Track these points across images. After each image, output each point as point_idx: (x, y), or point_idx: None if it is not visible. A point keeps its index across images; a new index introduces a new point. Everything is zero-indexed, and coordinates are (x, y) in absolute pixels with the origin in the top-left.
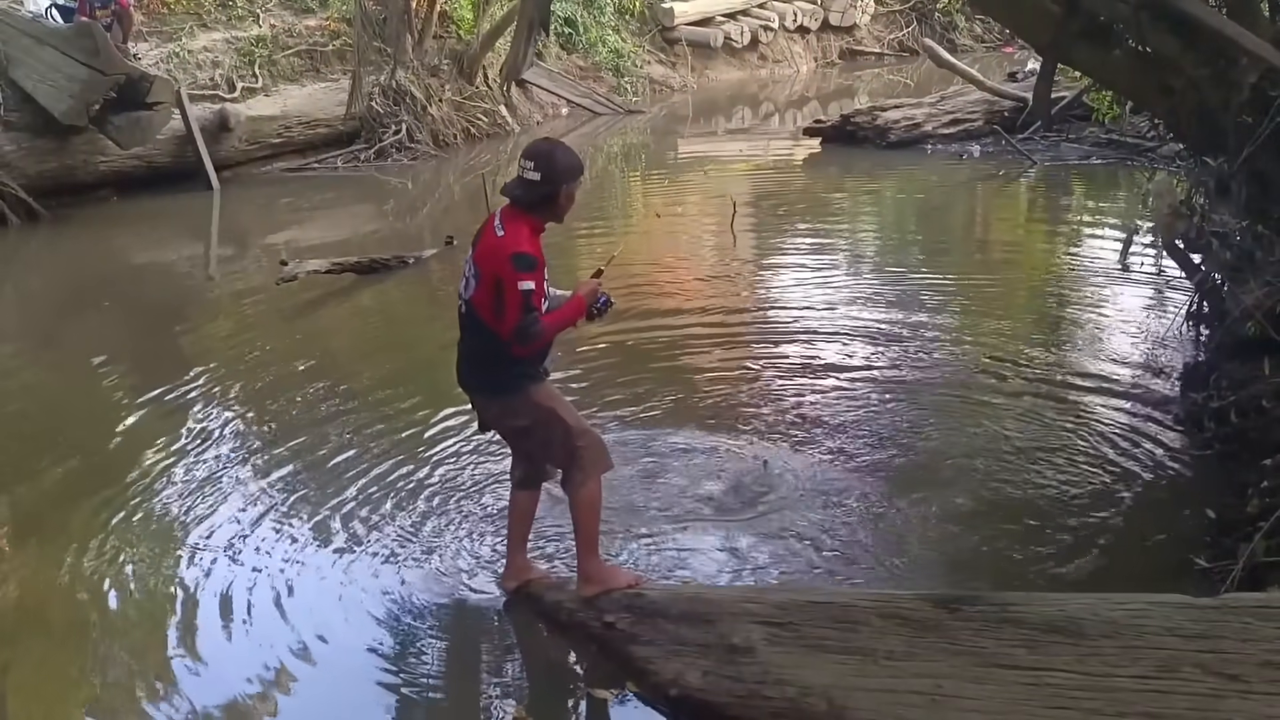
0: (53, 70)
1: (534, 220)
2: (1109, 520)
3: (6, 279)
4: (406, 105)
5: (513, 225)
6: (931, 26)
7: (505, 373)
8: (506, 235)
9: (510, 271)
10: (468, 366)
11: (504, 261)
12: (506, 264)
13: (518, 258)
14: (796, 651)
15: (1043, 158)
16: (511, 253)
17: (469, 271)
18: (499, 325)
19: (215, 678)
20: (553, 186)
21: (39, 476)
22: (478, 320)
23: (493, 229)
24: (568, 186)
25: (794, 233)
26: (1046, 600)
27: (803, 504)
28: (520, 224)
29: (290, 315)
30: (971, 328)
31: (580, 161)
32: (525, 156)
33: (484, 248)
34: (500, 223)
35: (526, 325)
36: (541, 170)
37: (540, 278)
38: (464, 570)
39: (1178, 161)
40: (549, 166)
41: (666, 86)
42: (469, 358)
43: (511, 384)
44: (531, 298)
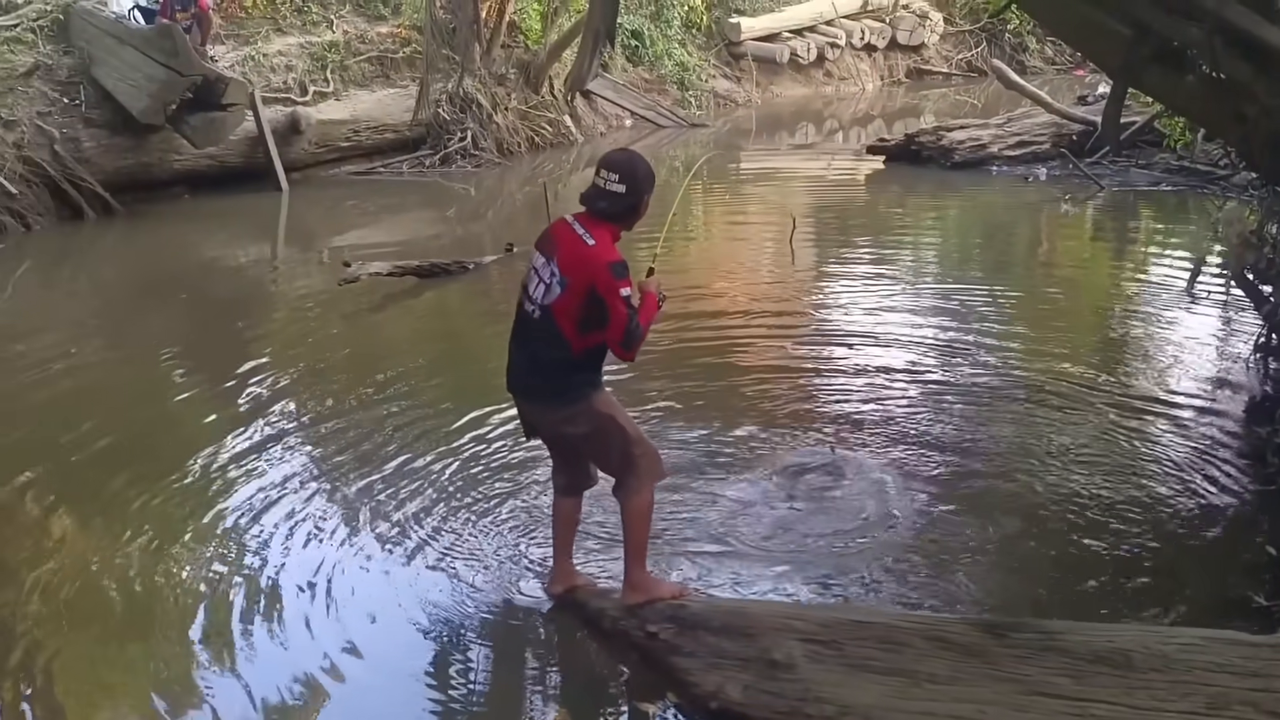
0: (133, 70)
1: (615, 228)
2: (1164, 551)
3: (81, 270)
4: (472, 113)
5: (598, 233)
6: (1001, 47)
7: (569, 380)
8: (598, 245)
9: (610, 280)
10: (529, 373)
11: (601, 270)
12: (605, 272)
13: (615, 266)
14: (838, 670)
15: (1111, 183)
16: (608, 261)
17: (547, 277)
18: (578, 333)
19: (257, 672)
20: (636, 197)
21: (98, 463)
22: (553, 327)
23: (576, 237)
24: (648, 196)
25: (853, 249)
26: (1094, 630)
27: (853, 517)
28: (604, 232)
29: (351, 315)
30: (1032, 348)
31: (653, 174)
32: (607, 168)
33: (572, 255)
34: (585, 231)
35: (634, 328)
36: (626, 182)
37: (631, 284)
38: (510, 573)
39: (1250, 191)
40: (632, 177)
41: (731, 101)
42: (532, 364)
43: (575, 391)
44: (633, 301)
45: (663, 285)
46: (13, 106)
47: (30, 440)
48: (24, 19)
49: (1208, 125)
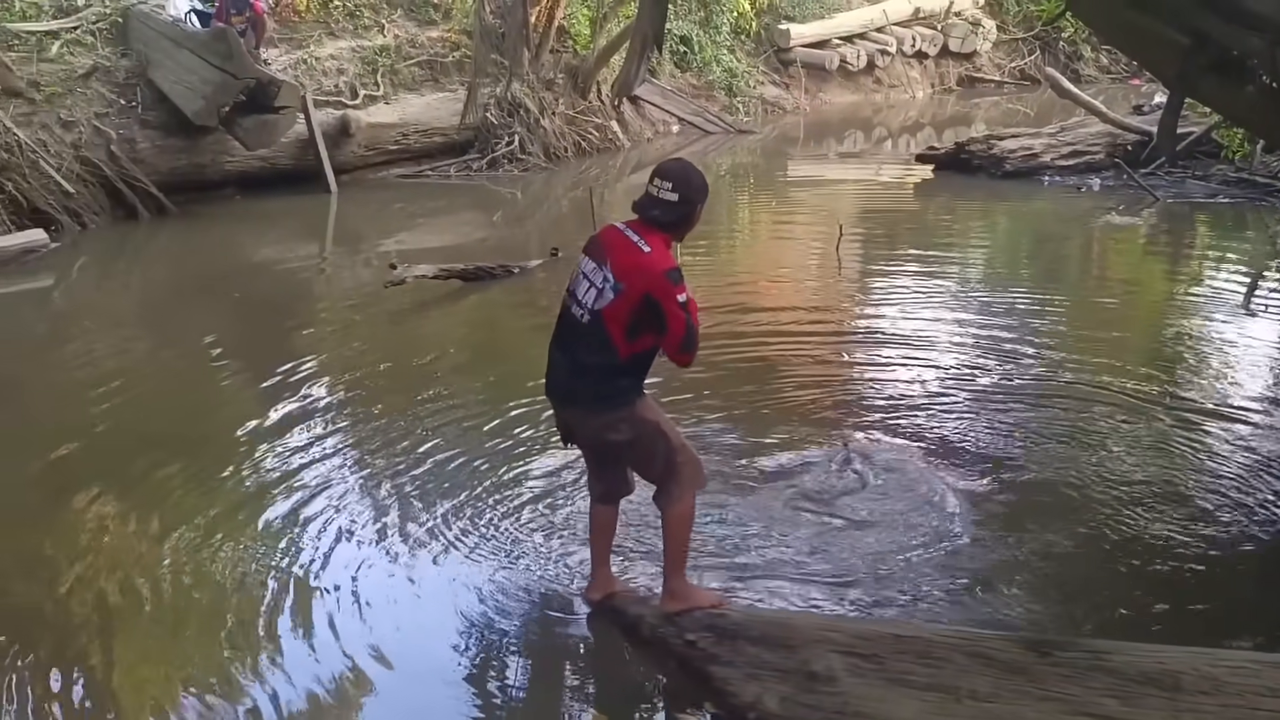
0: (188, 72)
1: (667, 237)
2: (1219, 570)
3: (134, 268)
4: (520, 117)
5: (654, 241)
6: (1055, 56)
7: (614, 385)
8: (654, 252)
9: (668, 287)
10: (572, 376)
11: (658, 278)
12: (662, 280)
13: (672, 272)
14: (878, 684)
15: (1166, 194)
16: (665, 269)
17: (599, 282)
18: (626, 339)
19: (289, 671)
20: (689, 206)
21: (143, 457)
22: (602, 332)
23: (631, 244)
24: (701, 205)
25: (900, 257)
26: (1142, 650)
27: (900, 525)
28: (658, 240)
29: (395, 317)
30: (1084, 359)
31: (706, 185)
32: (661, 176)
33: (628, 262)
34: (639, 238)
35: (692, 335)
36: (680, 191)
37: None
38: (549, 578)
39: None
40: (686, 187)
41: (779, 107)
42: (576, 368)
43: (619, 397)
44: (687, 308)
45: None
46: (71, 107)
47: (77, 433)
48: (84, 21)
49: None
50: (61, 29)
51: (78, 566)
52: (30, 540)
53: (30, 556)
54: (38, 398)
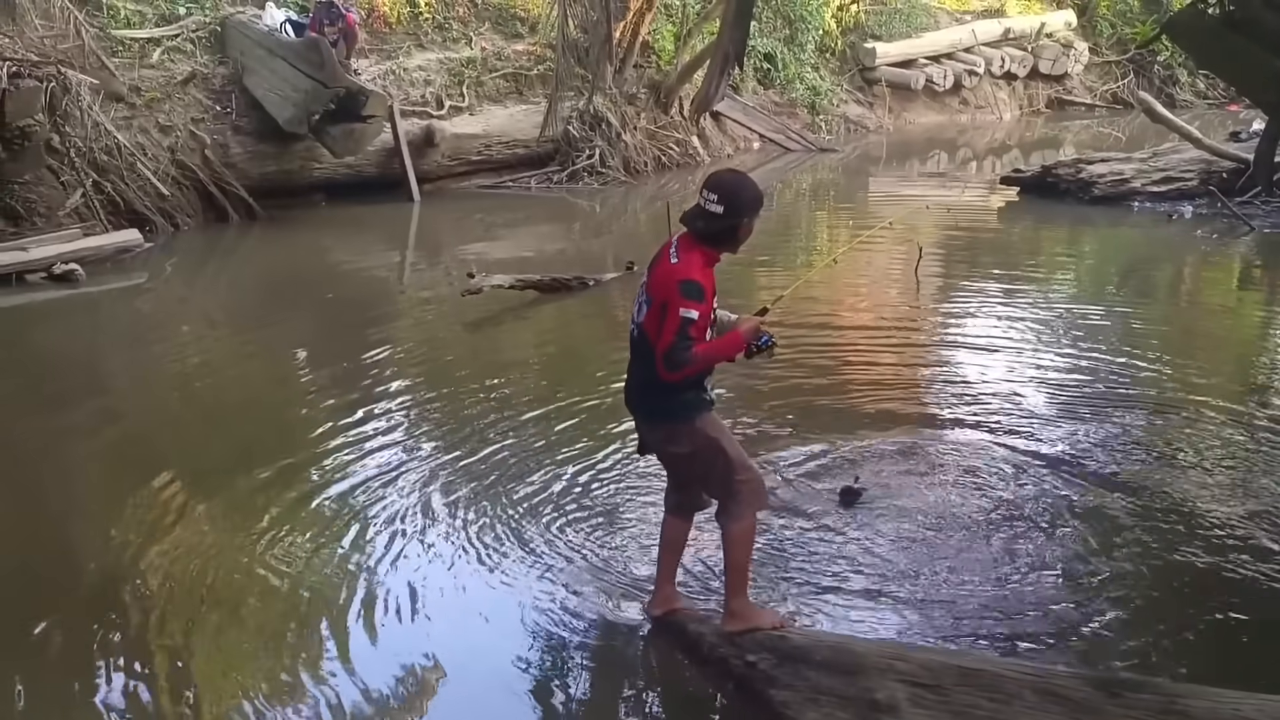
0: (281, 80)
1: (709, 251)
2: None
3: (224, 270)
4: (602, 131)
5: (687, 254)
6: (1150, 79)
7: (672, 400)
8: (680, 263)
9: (677, 297)
10: (634, 390)
11: (674, 285)
12: (675, 289)
13: (686, 284)
14: (941, 716)
15: (1262, 223)
16: (681, 279)
17: (642, 297)
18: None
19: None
20: (735, 219)
21: (226, 452)
22: (646, 346)
23: (668, 256)
24: (749, 220)
25: (981, 280)
26: (1220, 696)
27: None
28: (695, 253)
29: (472, 326)
30: (1164, 403)
31: (761, 193)
32: (708, 188)
33: (658, 274)
34: (676, 250)
35: (677, 350)
36: (725, 203)
37: (706, 308)
38: (612, 592)
39: None
40: (732, 199)
41: (862, 126)
42: (636, 382)
43: (678, 411)
44: (690, 327)
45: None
46: (170, 112)
47: (161, 424)
48: (184, 29)
49: None
50: (163, 36)
51: (151, 554)
52: (107, 526)
53: (105, 541)
54: (126, 389)
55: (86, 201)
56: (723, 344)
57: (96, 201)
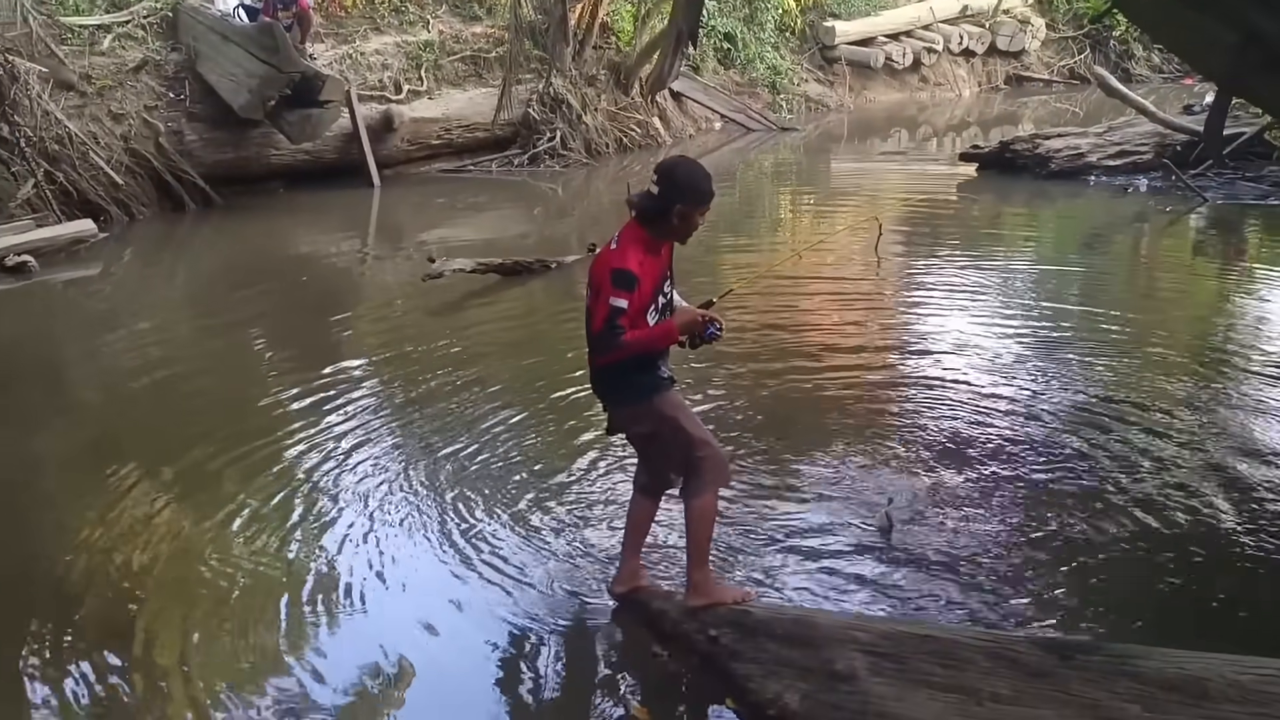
0: (235, 66)
1: (651, 237)
2: (1247, 580)
3: (181, 259)
4: (562, 113)
5: (627, 241)
6: (1106, 54)
7: (627, 382)
8: (618, 250)
9: (608, 286)
10: (592, 374)
11: (605, 274)
12: (606, 277)
13: (617, 274)
14: (899, 684)
15: (1215, 195)
16: (614, 267)
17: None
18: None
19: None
20: (665, 203)
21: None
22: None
23: (610, 241)
24: (682, 207)
25: (940, 256)
26: (1169, 656)
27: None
28: (635, 240)
29: (434, 310)
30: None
31: (707, 188)
32: (654, 169)
33: (598, 260)
34: (618, 235)
35: (605, 338)
36: (661, 185)
37: (638, 298)
38: (574, 570)
39: None
40: (666, 182)
41: (823, 105)
42: (591, 366)
43: (634, 393)
44: (619, 316)
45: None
46: (122, 100)
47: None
48: (135, 16)
49: None
50: (114, 23)
51: (118, 546)
52: (71, 520)
53: (70, 535)
54: (84, 382)
55: (38, 192)
56: (655, 334)
57: (49, 192)
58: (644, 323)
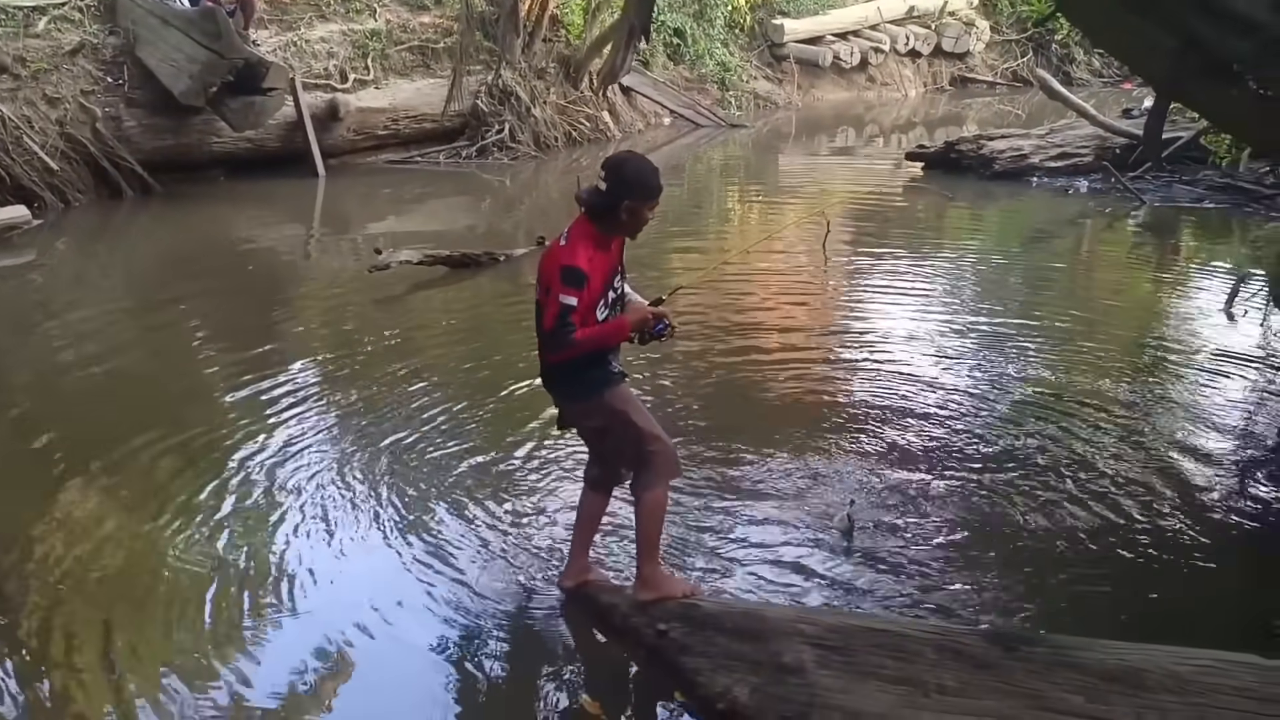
0: (176, 51)
1: (600, 233)
2: (1185, 577)
3: (118, 247)
4: (511, 105)
5: (576, 236)
6: (1048, 58)
7: (577, 377)
8: (568, 245)
9: (558, 283)
10: (543, 369)
11: (555, 271)
12: (556, 275)
13: (566, 271)
14: (847, 676)
15: (1153, 197)
16: (563, 264)
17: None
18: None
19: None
20: (613, 198)
21: (126, 435)
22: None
23: (560, 236)
24: (630, 202)
25: (886, 255)
26: (1109, 648)
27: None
28: (584, 234)
29: (381, 302)
30: (1061, 371)
31: (656, 183)
32: (602, 165)
33: (548, 256)
34: (567, 230)
35: (557, 335)
36: (608, 180)
37: (587, 294)
38: (521, 565)
39: None
40: (614, 177)
41: (771, 102)
42: (543, 361)
43: (584, 388)
44: (570, 313)
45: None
46: (57, 84)
47: (57, 409)
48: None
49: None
50: (49, 4)
51: (53, 544)
52: (5, 517)
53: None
54: (17, 373)
55: None
56: (606, 331)
57: None
58: (594, 319)
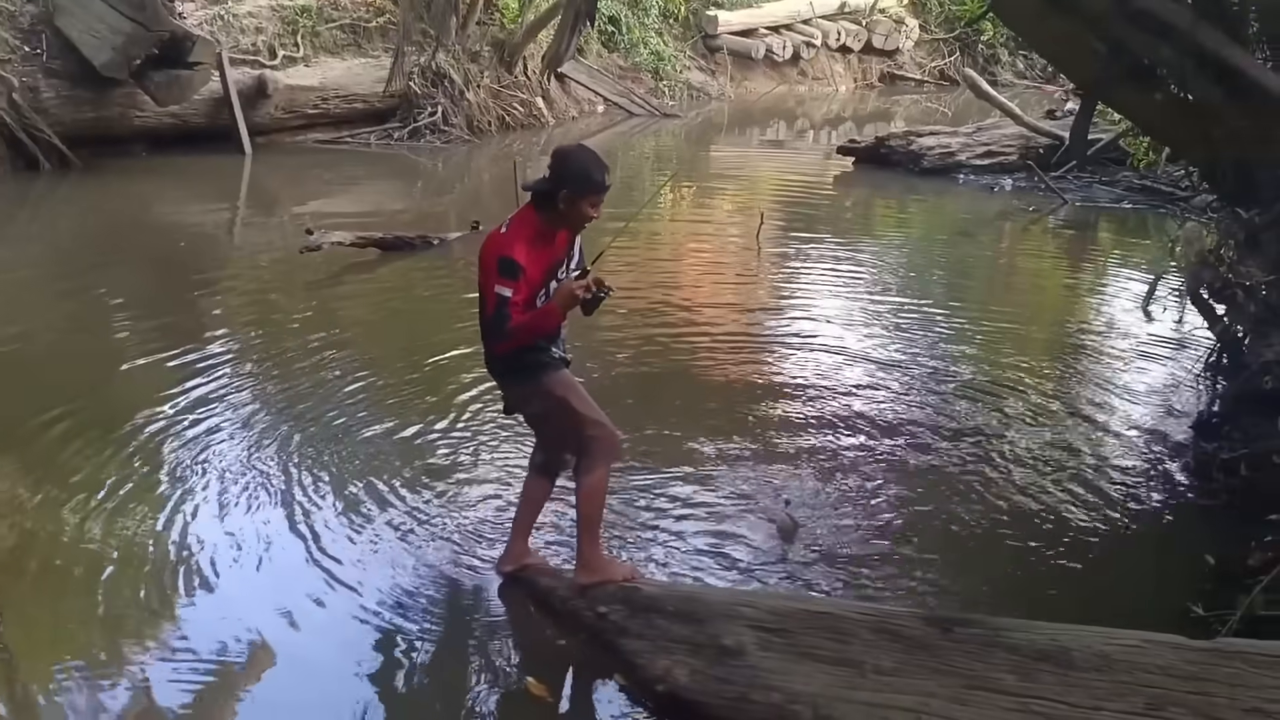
0: (98, 21)
1: (541, 222)
2: (1108, 560)
3: (34, 221)
4: (444, 88)
5: (518, 223)
6: (974, 58)
7: (520, 361)
8: (508, 233)
9: (494, 274)
10: (487, 355)
11: (491, 261)
12: (493, 264)
13: (502, 262)
14: (786, 658)
15: (1074, 197)
16: (499, 255)
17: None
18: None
19: (197, 638)
20: (553, 186)
21: (44, 420)
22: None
23: (503, 224)
24: (568, 193)
25: (817, 247)
26: (1040, 628)
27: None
28: (526, 223)
29: (311, 284)
30: (986, 361)
31: (598, 179)
32: (550, 153)
33: (488, 243)
34: (511, 218)
35: (496, 325)
36: (551, 169)
37: (524, 284)
38: (458, 549)
39: (1209, 214)
40: (558, 167)
41: (704, 93)
42: (486, 346)
43: (524, 371)
44: (505, 304)
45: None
46: None
47: None
48: None
49: (1174, 145)
50: None
51: None
52: None
53: None
54: None
55: None
56: (537, 317)
57: None
58: (533, 309)
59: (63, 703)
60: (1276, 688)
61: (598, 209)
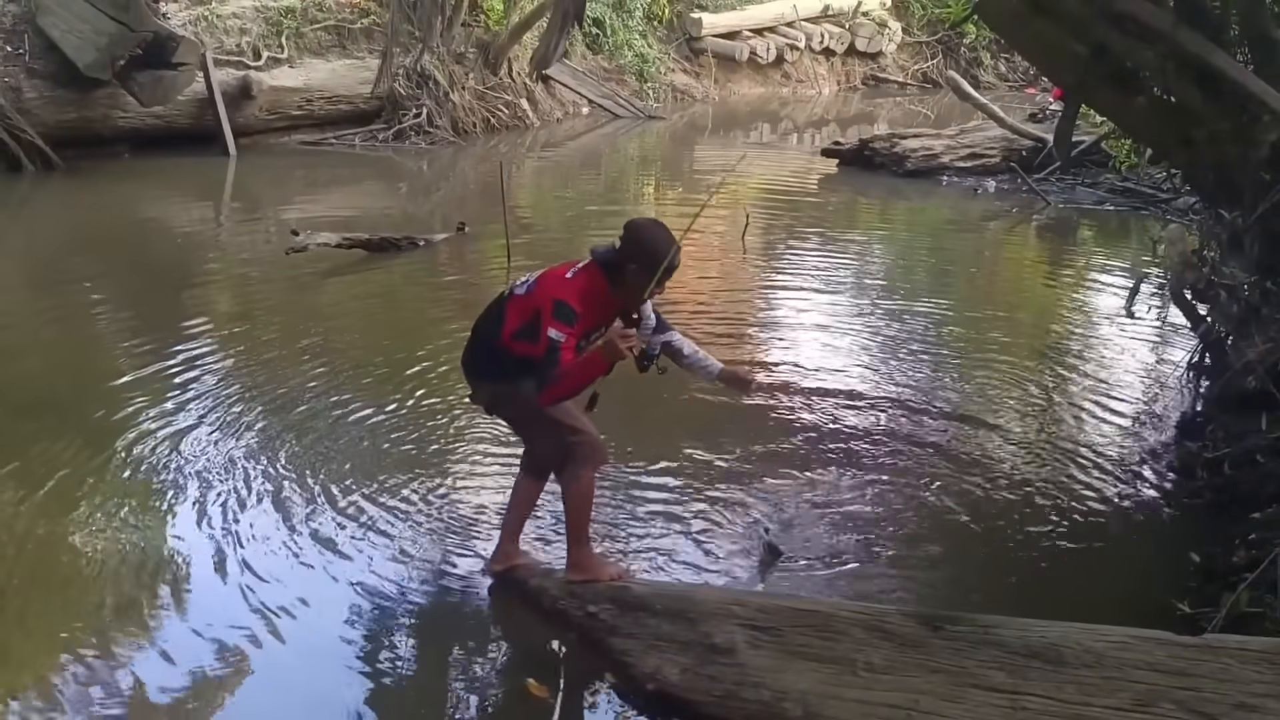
0: (81, 21)
1: (605, 288)
2: (1094, 559)
3: (16, 222)
4: (429, 90)
5: (585, 275)
6: (957, 61)
7: (500, 364)
8: (572, 279)
9: (550, 315)
10: (473, 346)
11: (549, 301)
12: (550, 305)
13: (560, 306)
14: (776, 656)
15: (1057, 199)
16: (558, 297)
17: (531, 278)
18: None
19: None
20: (622, 257)
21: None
22: (504, 311)
23: (570, 267)
24: (635, 267)
25: (802, 248)
26: (1029, 626)
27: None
28: (591, 279)
29: (296, 285)
30: (968, 363)
31: (665, 258)
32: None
33: (553, 274)
34: (578, 266)
35: (546, 368)
36: (623, 239)
37: (575, 333)
38: (450, 549)
39: (1191, 215)
40: (629, 239)
41: (688, 95)
42: (476, 338)
43: (504, 376)
44: (557, 349)
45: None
46: None
47: None
48: None
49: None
50: None
51: None
52: None
53: None
54: None
55: None
56: (585, 364)
57: None
58: None
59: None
60: (1263, 682)
61: (662, 287)
